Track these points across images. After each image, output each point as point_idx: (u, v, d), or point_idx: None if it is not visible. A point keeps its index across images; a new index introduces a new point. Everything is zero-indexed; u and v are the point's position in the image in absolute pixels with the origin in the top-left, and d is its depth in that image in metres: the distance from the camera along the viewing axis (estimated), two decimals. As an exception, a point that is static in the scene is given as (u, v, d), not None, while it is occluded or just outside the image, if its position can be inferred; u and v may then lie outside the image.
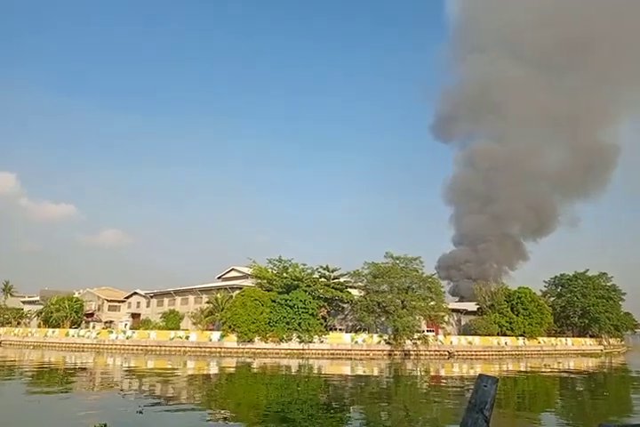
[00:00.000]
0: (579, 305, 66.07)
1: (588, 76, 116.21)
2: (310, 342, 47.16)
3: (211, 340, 48.22)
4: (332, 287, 51.52)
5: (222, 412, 17.14)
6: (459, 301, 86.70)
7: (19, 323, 71.20)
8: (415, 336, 48.95)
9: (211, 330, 51.06)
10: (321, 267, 53.04)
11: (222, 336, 47.68)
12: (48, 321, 63.53)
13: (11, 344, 59.41)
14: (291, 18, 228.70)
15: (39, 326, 64.71)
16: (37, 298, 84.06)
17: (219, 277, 69.03)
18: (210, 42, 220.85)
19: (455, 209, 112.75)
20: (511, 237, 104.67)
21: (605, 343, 66.95)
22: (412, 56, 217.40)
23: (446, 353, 50.01)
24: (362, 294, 52.56)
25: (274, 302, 48.09)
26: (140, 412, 15.45)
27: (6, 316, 73.88)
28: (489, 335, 54.86)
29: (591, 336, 67.44)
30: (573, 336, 66.58)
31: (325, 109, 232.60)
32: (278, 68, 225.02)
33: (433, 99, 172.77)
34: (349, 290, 53.25)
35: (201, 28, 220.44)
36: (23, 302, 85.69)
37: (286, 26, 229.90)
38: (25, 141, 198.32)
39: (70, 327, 61.43)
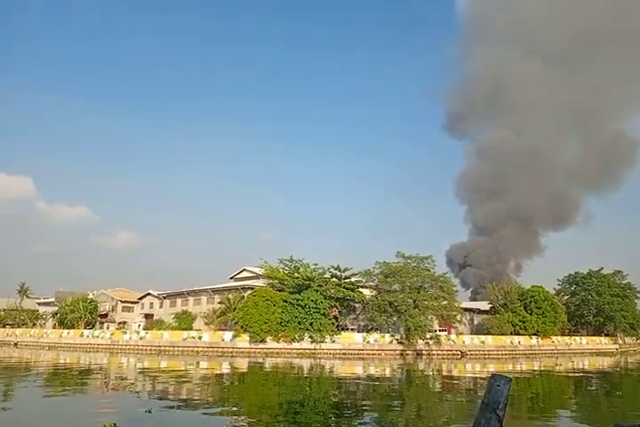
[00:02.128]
0: (593, 303, 65.34)
1: (600, 72, 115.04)
2: (322, 341, 47.21)
3: (223, 340, 48.48)
4: (344, 287, 51.50)
5: (233, 412, 17.20)
6: (471, 298, 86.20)
7: (34, 324, 72.20)
8: (427, 336, 48.78)
9: (223, 330, 51.32)
10: (332, 267, 53.10)
11: (234, 336, 47.90)
12: (63, 322, 64.38)
13: (27, 345, 60.25)
14: (297, 25, 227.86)
15: (54, 327, 65.59)
16: (52, 299, 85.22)
17: (231, 278, 69.39)
18: (230, 51, 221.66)
19: (468, 203, 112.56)
20: (524, 226, 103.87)
21: (621, 342, 66.15)
22: (416, 58, 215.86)
23: (459, 353, 49.72)
24: (373, 294, 52.51)
25: (285, 301, 48.20)
26: (149, 411, 15.54)
27: (22, 317, 75.07)
28: (502, 335, 54.47)
29: (606, 335, 66.68)
30: (588, 335, 65.89)
31: (330, 113, 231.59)
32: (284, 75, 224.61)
33: (441, 98, 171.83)
34: (361, 290, 53.22)
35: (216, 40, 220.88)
36: (39, 304, 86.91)
37: (294, 33, 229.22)
38: (41, 146, 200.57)
39: (85, 328, 62.19)
